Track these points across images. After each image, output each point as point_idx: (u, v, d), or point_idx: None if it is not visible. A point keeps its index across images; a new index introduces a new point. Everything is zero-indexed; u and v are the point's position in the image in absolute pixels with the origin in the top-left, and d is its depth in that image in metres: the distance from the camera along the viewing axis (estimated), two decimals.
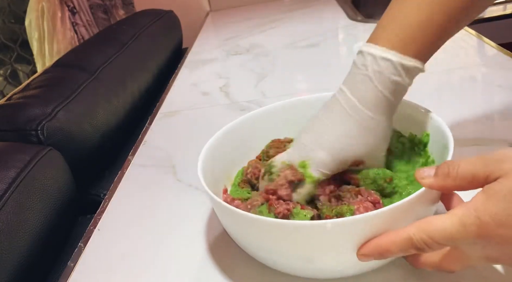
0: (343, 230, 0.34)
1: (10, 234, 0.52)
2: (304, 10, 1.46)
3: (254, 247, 0.40)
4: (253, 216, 0.36)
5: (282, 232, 0.36)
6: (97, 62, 0.91)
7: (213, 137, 0.48)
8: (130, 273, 0.47)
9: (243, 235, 0.40)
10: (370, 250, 0.34)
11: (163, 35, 1.25)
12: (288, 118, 0.53)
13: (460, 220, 0.29)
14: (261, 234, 0.37)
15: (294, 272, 0.40)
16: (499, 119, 0.62)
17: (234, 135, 0.50)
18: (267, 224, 0.36)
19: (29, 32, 1.46)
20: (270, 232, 0.36)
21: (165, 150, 0.72)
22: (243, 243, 0.41)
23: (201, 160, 0.44)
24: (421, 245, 0.31)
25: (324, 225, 0.34)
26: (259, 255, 0.41)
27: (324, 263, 0.38)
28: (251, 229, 0.38)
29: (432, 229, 0.31)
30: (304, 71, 0.96)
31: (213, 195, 0.39)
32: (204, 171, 0.43)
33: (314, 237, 0.35)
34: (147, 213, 0.57)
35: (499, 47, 0.85)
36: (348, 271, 0.39)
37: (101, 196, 0.73)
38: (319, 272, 0.40)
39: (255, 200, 0.42)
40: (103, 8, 1.63)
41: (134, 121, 0.95)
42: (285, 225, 0.36)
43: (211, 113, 0.82)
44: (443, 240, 0.30)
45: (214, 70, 1.06)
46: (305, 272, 0.40)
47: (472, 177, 0.31)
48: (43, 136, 0.67)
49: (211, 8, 1.78)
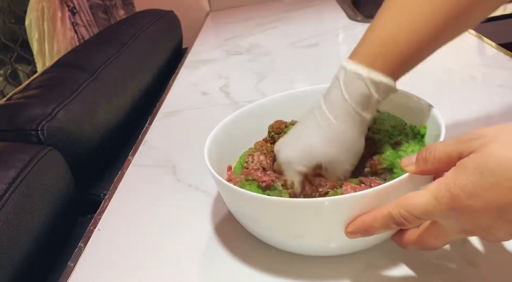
0: (336, 208, 0.37)
1: (10, 234, 0.52)
2: (304, 10, 1.46)
3: (254, 225, 0.44)
4: (251, 194, 0.39)
5: (276, 208, 0.39)
6: (97, 62, 0.91)
7: (224, 121, 0.52)
8: (130, 273, 0.47)
9: (245, 214, 0.43)
10: (356, 227, 0.37)
11: (163, 35, 1.25)
12: (298, 105, 0.54)
13: (433, 193, 0.31)
14: (259, 211, 0.41)
15: (290, 249, 0.43)
16: (499, 119, 0.62)
17: (243, 120, 0.54)
18: (264, 201, 0.39)
19: (29, 32, 1.46)
20: (267, 209, 0.39)
21: (165, 150, 0.72)
22: (247, 224, 0.44)
23: (209, 139, 0.48)
24: (400, 220, 0.33)
25: (322, 203, 0.37)
26: (258, 232, 0.44)
27: (314, 240, 0.40)
28: (250, 206, 0.41)
29: (408, 204, 0.33)
30: (304, 71, 0.96)
31: (216, 174, 0.43)
32: (211, 152, 0.47)
33: (308, 213, 0.38)
34: (147, 213, 0.57)
35: (499, 47, 0.85)
36: (340, 249, 0.42)
37: (101, 196, 0.73)
38: (310, 249, 0.42)
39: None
40: (103, 8, 1.63)
41: (134, 121, 0.95)
42: (281, 202, 0.38)
43: (211, 113, 0.82)
44: (419, 214, 0.32)
45: (214, 70, 1.06)
46: (299, 249, 0.43)
47: (447, 157, 0.33)
48: (43, 136, 0.67)
49: (211, 8, 1.78)
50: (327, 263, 0.43)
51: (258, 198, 0.39)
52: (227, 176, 0.49)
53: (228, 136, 0.52)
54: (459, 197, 0.30)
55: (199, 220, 0.53)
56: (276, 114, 0.55)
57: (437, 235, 0.34)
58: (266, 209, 0.39)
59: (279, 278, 0.42)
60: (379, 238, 0.40)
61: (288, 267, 0.43)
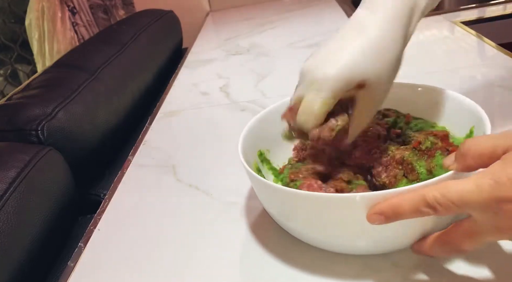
0: (366, 203, 0.34)
1: (10, 234, 0.52)
2: (304, 10, 1.46)
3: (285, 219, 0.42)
4: (286, 189, 0.38)
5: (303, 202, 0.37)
6: (97, 62, 0.91)
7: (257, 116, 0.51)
8: (130, 273, 0.47)
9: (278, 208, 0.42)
10: (382, 207, 0.33)
11: (163, 35, 1.25)
12: None
13: (475, 181, 0.29)
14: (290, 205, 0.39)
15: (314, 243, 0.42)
16: (499, 119, 0.62)
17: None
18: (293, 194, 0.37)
19: (29, 32, 1.46)
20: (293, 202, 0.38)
21: (165, 150, 0.72)
22: (277, 216, 0.43)
23: (242, 138, 0.47)
24: (434, 203, 0.30)
25: (353, 198, 0.35)
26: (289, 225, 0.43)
27: (345, 236, 0.39)
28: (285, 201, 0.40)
29: (445, 187, 0.30)
30: None
31: (250, 169, 0.41)
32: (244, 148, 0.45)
33: (342, 209, 0.36)
34: (147, 213, 0.57)
35: (499, 47, 0.85)
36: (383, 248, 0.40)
37: (101, 196, 0.73)
38: (333, 244, 0.41)
39: None
40: (103, 8, 1.63)
41: (134, 121, 0.95)
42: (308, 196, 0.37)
43: (211, 113, 0.82)
44: (456, 199, 0.29)
45: (214, 70, 1.06)
46: (327, 245, 0.41)
47: (491, 152, 0.30)
48: (43, 136, 0.67)
49: (211, 8, 1.78)
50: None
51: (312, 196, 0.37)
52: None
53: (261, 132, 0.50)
54: (505, 186, 0.27)
55: (199, 220, 0.53)
56: None
57: (468, 233, 0.31)
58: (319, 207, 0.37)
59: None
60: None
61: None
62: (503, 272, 0.38)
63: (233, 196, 0.55)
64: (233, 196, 0.55)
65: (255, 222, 0.50)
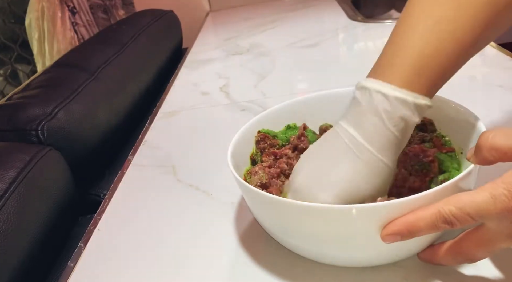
0: (368, 216, 0.33)
1: (10, 234, 0.52)
2: (304, 10, 1.46)
3: (277, 230, 0.42)
4: (273, 197, 0.37)
5: (300, 213, 0.36)
6: (97, 62, 0.91)
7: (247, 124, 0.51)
8: (130, 273, 0.47)
9: (268, 217, 0.41)
10: (397, 227, 0.32)
11: (163, 35, 1.25)
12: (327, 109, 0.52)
13: (490, 192, 0.29)
14: (281, 215, 0.38)
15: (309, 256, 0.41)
16: (499, 120, 0.62)
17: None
18: (284, 205, 0.36)
19: (29, 32, 1.46)
20: (287, 213, 0.37)
21: (165, 150, 0.72)
22: (268, 226, 0.43)
23: (232, 144, 0.47)
24: (450, 218, 0.30)
25: (349, 210, 0.33)
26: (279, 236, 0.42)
27: (339, 249, 0.38)
28: (273, 210, 0.39)
29: (461, 201, 0.30)
30: (304, 71, 0.96)
31: (238, 176, 0.42)
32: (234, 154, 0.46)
33: (339, 220, 0.35)
34: (147, 213, 0.57)
35: (499, 47, 0.85)
36: (380, 259, 0.39)
37: (101, 196, 0.73)
38: (333, 258, 0.40)
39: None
40: (103, 8, 1.63)
41: (134, 121, 0.95)
42: (303, 207, 0.35)
43: (211, 113, 0.82)
44: (473, 212, 0.29)
45: (214, 70, 1.06)
46: (321, 258, 0.41)
47: (509, 148, 0.30)
48: (43, 136, 0.67)
49: (211, 8, 1.78)
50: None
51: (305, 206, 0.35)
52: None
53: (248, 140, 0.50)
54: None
55: (199, 220, 0.53)
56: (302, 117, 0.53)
57: (482, 241, 0.31)
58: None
59: None
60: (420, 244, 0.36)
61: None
62: (503, 272, 0.38)
63: (233, 196, 0.55)
64: (233, 196, 0.55)
65: (255, 222, 0.50)
